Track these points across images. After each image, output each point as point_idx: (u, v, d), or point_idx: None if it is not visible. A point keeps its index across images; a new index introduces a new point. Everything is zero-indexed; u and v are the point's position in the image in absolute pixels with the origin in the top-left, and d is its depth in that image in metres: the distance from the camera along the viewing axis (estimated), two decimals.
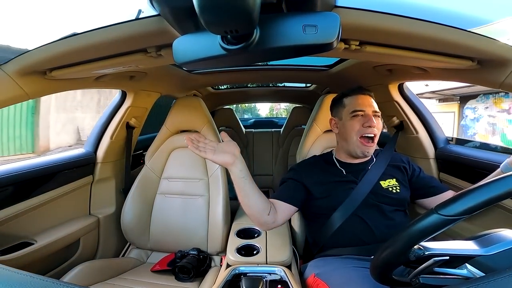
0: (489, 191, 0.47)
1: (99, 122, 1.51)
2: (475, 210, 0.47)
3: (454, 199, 0.49)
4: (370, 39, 0.75)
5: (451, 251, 0.51)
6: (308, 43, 0.48)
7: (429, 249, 0.51)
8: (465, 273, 0.52)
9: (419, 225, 0.50)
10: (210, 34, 0.49)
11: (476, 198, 0.47)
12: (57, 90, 1.05)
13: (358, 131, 1.03)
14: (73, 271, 1.10)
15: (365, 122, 1.02)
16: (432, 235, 0.50)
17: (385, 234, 0.94)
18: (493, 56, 0.74)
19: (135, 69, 1.12)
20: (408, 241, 0.51)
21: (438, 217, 0.48)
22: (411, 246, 0.52)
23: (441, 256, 0.51)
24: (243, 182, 0.86)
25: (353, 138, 1.04)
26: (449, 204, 0.49)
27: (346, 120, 1.07)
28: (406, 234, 0.51)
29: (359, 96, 1.06)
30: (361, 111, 1.04)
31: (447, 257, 0.51)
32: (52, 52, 0.77)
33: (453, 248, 0.51)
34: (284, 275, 0.90)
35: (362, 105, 1.04)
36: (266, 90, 2.72)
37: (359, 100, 1.06)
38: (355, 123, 1.04)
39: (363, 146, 1.03)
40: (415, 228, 0.50)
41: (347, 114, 1.07)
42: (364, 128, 1.02)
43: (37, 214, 1.17)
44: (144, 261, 1.40)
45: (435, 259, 0.51)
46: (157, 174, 1.48)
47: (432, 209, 0.50)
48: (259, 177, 2.82)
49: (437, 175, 1.32)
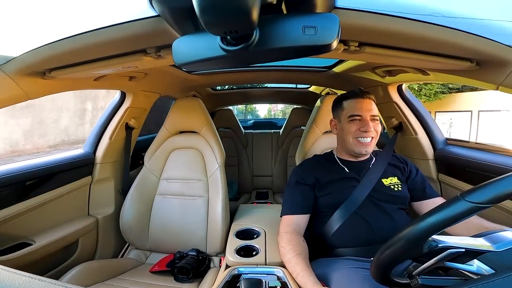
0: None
1: (99, 123, 1.51)
2: (503, 198, 0.45)
3: (482, 186, 0.48)
4: (370, 40, 0.75)
5: (465, 245, 0.50)
6: (307, 44, 0.48)
7: (443, 242, 0.51)
8: (474, 269, 0.51)
9: (444, 212, 0.49)
10: (209, 35, 0.49)
11: (505, 186, 0.46)
12: (57, 91, 1.05)
13: (355, 133, 1.05)
14: (72, 271, 1.09)
15: (362, 127, 1.04)
16: (455, 223, 0.48)
17: (386, 235, 0.94)
18: (491, 57, 0.74)
19: (134, 70, 1.12)
20: (430, 228, 0.50)
21: (465, 204, 0.47)
22: (431, 235, 0.50)
23: (457, 248, 0.50)
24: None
25: (350, 139, 1.07)
26: (477, 190, 0.47)
27: (344, 123, 1.09)
28: (429, 221, 0.50)
29: (358, 100, 1.07)
30: (359, 116, 1.05)
31: (463, 250, 0.50)
32: (51, 53, 0.77)
33: (466, 242, 0.51)
34: (283, 276, 0.90)
35: (360, 109, 1.05)
36: (266, 91, 2.73)
37: (357, 104, 1.06)
38: (352, 126, 1.06)
39: (360, 145, 1.05)
40: (440, 215, 0.49)
41: (345, 117, 1.09)
42: (361, 132, 1.04)
43: (36, 215, 1.17)
44: (143, 262, 1.40)
45: (450, 251, 0.50)
46: (156, 174, 1.48)
47: (457, 195, 0.49)
48: (258, 178, 2.82)
49: (436, 176, 1.32)
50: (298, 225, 1.02)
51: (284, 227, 1.02)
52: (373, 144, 1.06)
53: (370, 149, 1.06)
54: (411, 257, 0.56)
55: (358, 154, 1.07)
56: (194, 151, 1.49)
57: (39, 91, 0.96)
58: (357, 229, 0.97)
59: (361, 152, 1.06)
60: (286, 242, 0.96)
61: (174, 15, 0.58)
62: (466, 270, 0.52)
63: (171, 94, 1.91)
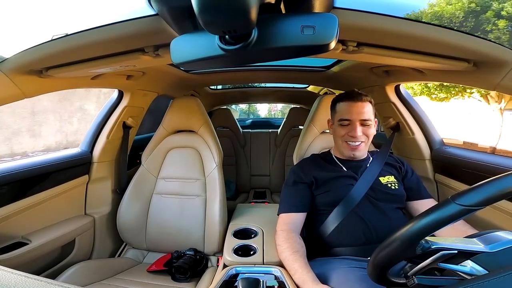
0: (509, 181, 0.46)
1: (96, 122, 1.50)
2: (493, 200, 0.46)
3: (472, 188, 0.48)
4: (368, 40, 0.75)
5: (458, 246, 0.51)
6: (306, 44, 0.48)
7: (436, 243, 0.51)
8: (468, 269, 0.51)
9: (435, 214, 0.49)
10: (208, 34, 0.49)
11: (495, 188, 0.46)
12: (54, 89, 1.04)
13: (343, 137, 1.07)
14: (69, 271, 1.09)
15: (349, 132, 1.05)
16: (446, 226, 0.49)
17: (383, 234, 0.95)
18: (488, 57, 0.74)
19: (132, 69, 1.12)
20: (422, 231, 0.50)
21: (455, 207, 0.47)
22: (423, 237, 0.51)
23: (449, 250, 0.50)
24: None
25: (339, 142, 1.09)
26: (466, 193, 0.48)
27: (336, 126, 1.11)
28: (421, 224, 0.50)
29: (349, 103, 1.07)
30: (347, 120, 1.06)
31: (455, 251, 0.50)
32: (48, 51, 0.76)
33: (459, 244, 0.51)
34: (281, 275, 0.90)
35: (349, 113, 1.05)
36: (264, 90, 2.73)
37: (348, 107, 1.06)
38: (341, 130, 1.08)
39: (348, 149, 1.07)
40: (431, 217, 0.50)
41: (336, 120, 1.10)
42: (349, 136, 1.06)
43: (32, 214, 1.16)
44: (140, 261, 1.40)
45: (443, 253, 0.51)
46: (154, 174, 1.48)
47: (448, 198, 0.49)
48: (256, 177, 2.82)
49: (433, 176, 1.33)
50: (295, 224, 1.03)
51: (281, 226, 1.02)
52: (362, 148, 1.07)
53: (359, 153, 1.08)
54: (406, 258, 0.56)
55: (347, 157, 1.10)
56: (192, 150, 1.49)
57: (36, 90, 0.96)
58: (354, 228, 0.97)
59: (350, 155, 1.08)
60: (283, 240, 0.96)
61: (173, 14, 0.58)
62: (459, 271, 0.52)
63: (169, 93, 1.91)
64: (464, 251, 0.51)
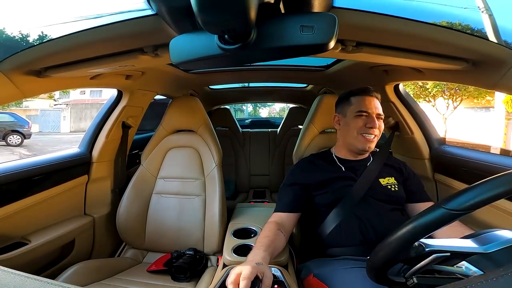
0: (496, 185, 0.47)
1: (95, 121, 1.50)
2: (481, 205, 0.46)
3: (460, 193, 0.49)
4: (367, 40, 0.75)
5: (452, 248, 0.51)
6: (305, 44, 0.48)
7: (430, 245, 0.51)
8: (463, 271, 0.52)
9: (424, 219, 0.50)
10: (207, 34, 0.49)
11: (482, 192, 0.47)
12: (52, 89, 1.04)
13: (360, 129, 1.06)
14: (68, 271, 1.08)
15: (368, 123, 1.04)
16: (436, 230, 0.50)
17: (382, 235, 0.95)
18: (486, 57, 0.74)
19: (131, 69, 1.12)
20: (412, 235, 0.51)
21: (444, 211, 0.48)
22: (414, 241, 0.52)
23: (442, 252, 0.51)
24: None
25: (354, 134, 1.07)
26: (455, 198, 0.48)
27: (350, 118, 1.09)
28: (410, 229, 0.51)
29: (366, 97, 1.08)
30: (366, 112, 1.06)
31: (448, 254, 0.51)
32: (47, 51, 0.76)
33: (453, 245, 0.52)
34: (281, 275, 0.90)
35: (368, 106, 1.06)
36: (263, 90, 2.72)
37: (366, 101, 1.07)
38: (358, 121, 1.06)
39: (364, 141, 1.05)
40: (420, 222, 0.50)
41: (352, 112, 1.09)
42: (366, 128, 1.05)
43: (32, 214, 1.16)
44: (140, 261, 1.40)
45: (436, 255, 0.51)
46: (153, 173, 1.48)
47: (437, 203, 0.50)
48: (255, 177, 2.82)
49: (432, 175, 1.33)
50: (284, 222, 1.02)
51: (271, 219, 1.04)
52: (375, 142, 1.07)
53: (372, 146, 1.07)
54: (402, 260, 0.56)
55: (361, 150, 1.08)
56: (191, 150, 1.49)
57: (35, 90, 0.95)
58: (353, 228, 0.97)
59: (364, 148, 1.06)
60: (266, 228, 0.98)
61: (172, 13, 0.58)
62: (454, 272, 0.52)
63: (168, 92, 1.90)
64: (458, 252, 0.51)
